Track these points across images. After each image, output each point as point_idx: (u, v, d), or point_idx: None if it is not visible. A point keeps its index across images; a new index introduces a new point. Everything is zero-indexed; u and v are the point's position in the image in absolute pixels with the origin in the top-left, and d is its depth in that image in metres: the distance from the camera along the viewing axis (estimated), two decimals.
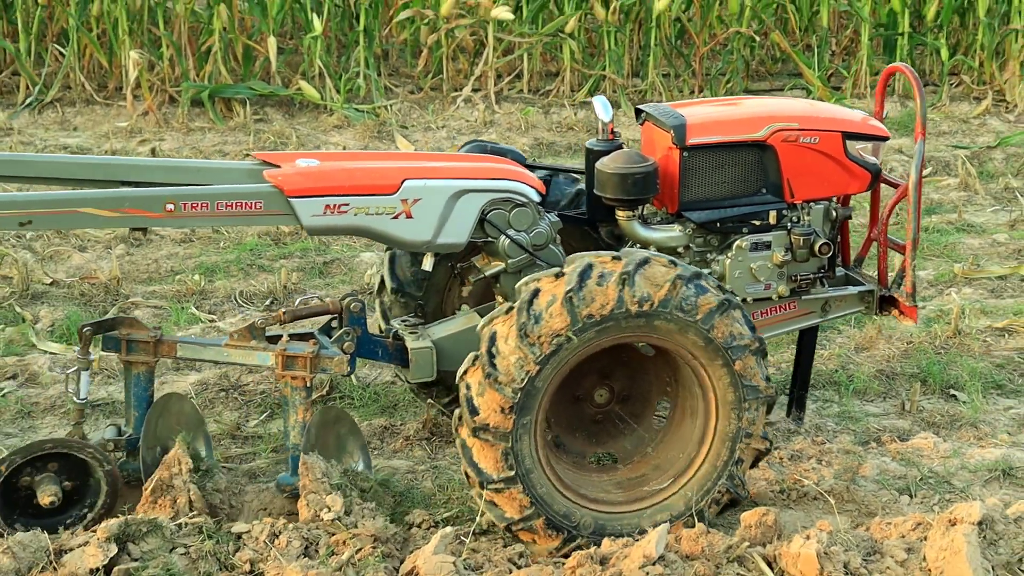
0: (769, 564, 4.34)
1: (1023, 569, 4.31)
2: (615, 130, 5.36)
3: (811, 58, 12.02)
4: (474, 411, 4.45)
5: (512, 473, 4.49)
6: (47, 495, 4.63)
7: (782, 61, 12.75)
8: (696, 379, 4.69)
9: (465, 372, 4.50)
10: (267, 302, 7.20)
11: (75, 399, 4.97)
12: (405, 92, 11.76)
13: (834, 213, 5.38)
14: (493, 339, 4.46)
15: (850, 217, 5.51)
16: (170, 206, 4.58)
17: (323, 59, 11.47)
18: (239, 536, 4.53)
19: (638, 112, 5.43)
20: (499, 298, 5.18)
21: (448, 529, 4.49)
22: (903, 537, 4.50)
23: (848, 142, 5.31)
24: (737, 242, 5.22)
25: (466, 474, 4.57)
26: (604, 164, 5.10)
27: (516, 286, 4.56)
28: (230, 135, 10.68)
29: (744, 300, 5.22)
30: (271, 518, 4.64)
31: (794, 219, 5.29)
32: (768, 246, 5.24)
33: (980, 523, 4.34)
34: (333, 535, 4.45)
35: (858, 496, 5.11)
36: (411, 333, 5.14)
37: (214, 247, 8.12)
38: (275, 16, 11.46)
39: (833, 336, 6.81)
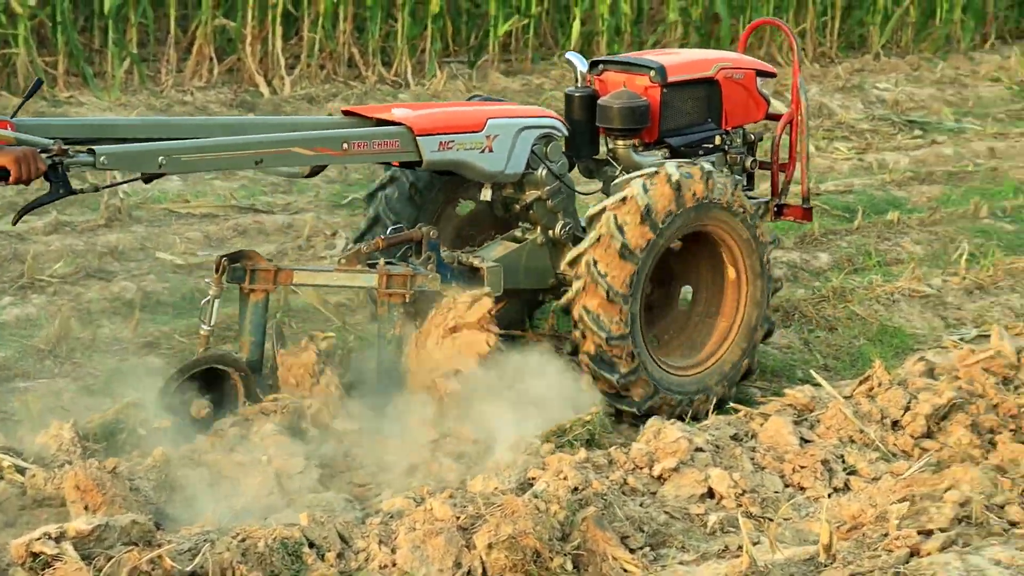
0: None
1: None
2: (590, 80, 6.17)
3: None
4: (603, 276, 5.44)
5: (627, 330, 5.52)
6: (200, 408, 5.17)
7: None
8: (734, 267, 5.90)
9: (585, 251, 5.48)
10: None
11: (204, 326, 5.34)
12: None
13: (751, 137, 6.51)
14: (615, 220, 5.46)
15: (761, 139, 6.64)
16: (345, 145, 5.28)
17: None
18: None
19: (594, 63, 6.26)
20: (524, 224, 5.98)
21: None
22: None
23: (758, 78, 6.47)
24: None
25: (583, 335, 5.51)
26: (608, 101, 6.00)
27: (616, 182, 5.64)
28: None
29: None
30: None
31: (729, 142, 6.37)
32: (713, 165, 6.13)
33: None
34: None
35: None
36: (475, 256, 5.86)
37: None
38: None
39: None
